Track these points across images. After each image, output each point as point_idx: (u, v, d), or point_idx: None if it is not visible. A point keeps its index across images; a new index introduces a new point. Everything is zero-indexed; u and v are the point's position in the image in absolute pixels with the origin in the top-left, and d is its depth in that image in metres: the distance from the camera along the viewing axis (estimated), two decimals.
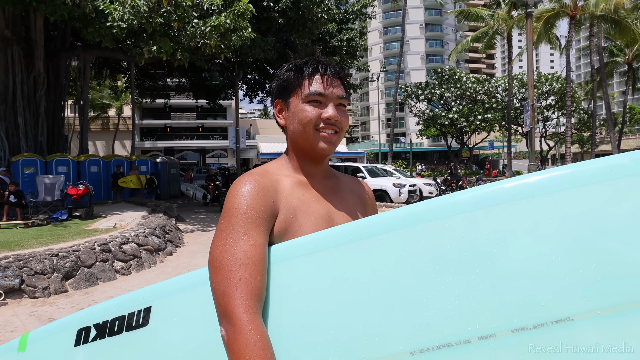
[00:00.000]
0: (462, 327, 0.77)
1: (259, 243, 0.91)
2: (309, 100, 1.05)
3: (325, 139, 1.05)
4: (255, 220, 0.93)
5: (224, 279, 0.87)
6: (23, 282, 5.59)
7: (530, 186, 0.80)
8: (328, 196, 1.10)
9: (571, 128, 27.28)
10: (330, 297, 0.86)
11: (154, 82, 24.65)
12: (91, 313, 1.12)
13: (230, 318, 0.84)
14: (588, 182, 0.77)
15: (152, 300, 1.03)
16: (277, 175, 1.06)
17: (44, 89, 14.43)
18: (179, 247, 8.93)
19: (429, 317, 0.79)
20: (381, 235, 0.86)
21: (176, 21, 9.83)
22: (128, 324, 1.04)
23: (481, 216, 0.80)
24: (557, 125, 42.78)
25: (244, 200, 0.94)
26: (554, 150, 51.09)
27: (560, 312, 0.73)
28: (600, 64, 29.88)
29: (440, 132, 41.33)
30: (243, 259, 0.88)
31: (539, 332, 0.74)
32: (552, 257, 0.76)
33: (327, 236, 0.91)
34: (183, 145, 41.40)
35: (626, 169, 0.76)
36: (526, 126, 13.27)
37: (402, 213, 0.87)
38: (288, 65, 1.12)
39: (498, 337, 0.75)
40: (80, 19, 10.47)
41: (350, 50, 18.76)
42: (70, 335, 1.11)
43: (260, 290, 0.88)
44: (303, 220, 1.01)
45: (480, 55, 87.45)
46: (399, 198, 15.76)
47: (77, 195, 10.25)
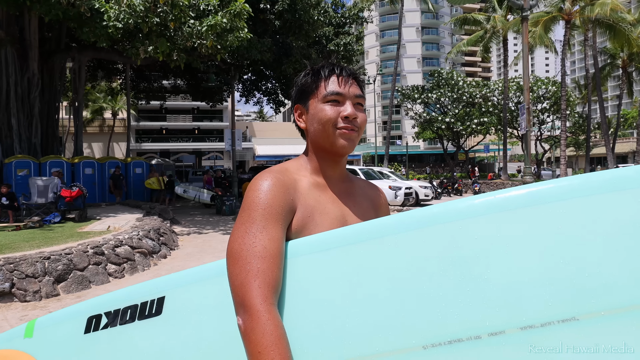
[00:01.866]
0: (473, 324, 0.80)
1: (277, 237, 0.94)
2: (328, 100, 1.09)
3: (345, 135, 1.08)
4: (274, 215, 0.96)
5: (242, 270, 0.90)
6: (14, 286, 5.51)
7: (544, 193, 0.84)
8: (343, 199, 1.14)
9: (566, 131, 27.39)
10: (344, 291, 0.89)
11: (149, 84, 24.57)
12: (102, 301, 1.11)
13: (247, 308, 0.86)
14: (600, 191, 0.81)
15: (166, 290, 1.04)
16: (296, 174, 1.10)
17: (38, 90, 14.32)
18: (173, 249, 8.85)
19: (441, 313, 0.82)
20: (396, 234, 0.89)
21: (172, 21, 9.77)
22: (141, 313, 1.04)
23: (494, 220, 0.84)
24: (553, 129, 42.96)
25: (264, 195, 0.97)
26: (549, 154, 51.28)
27: (567, 312, 0.76)
28: (595, 68, 30.03)
29: (437, 135, 41.41)
30: (262, 252, 0.91)
31: (545, 330, 0.77)
32: (561, 260, 0.79)
33: (343, 234, 0.94)
34: (179, 148, 41.28)
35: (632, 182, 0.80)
36: (522, 129, 13.28)
37: (417, 214, 0.90)
38: (305, 71, 1.17)
39: (507, 334, 0.78)
40: (75, 19, 10.39)
41: (346, 55, 18.78)
42: (80, 322, 1.11)
43: (277, 283, 0.91)
44: (319, 219, 1.04)
45: (477, 59, 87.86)
46: (395, 200, 15.75)
47: (71, 198, 10.16)
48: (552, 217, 0.81)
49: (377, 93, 66.77)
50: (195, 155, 42.72)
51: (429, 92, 38.37)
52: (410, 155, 51.38)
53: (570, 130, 41.31)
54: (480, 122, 37.18)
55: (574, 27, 27.27)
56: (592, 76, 30.47)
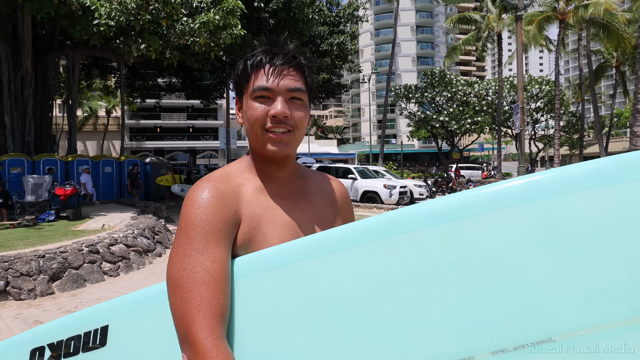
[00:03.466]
0: (439, 350, 0.72)
1: (221, 258, 0.83)
2: (256, 97, 0.94)
3: (273, 140, 0.94)
4: (215, 232, 0.84)
5: (184, 300, 0.79)
6: (8, 284, 5.49)
7: (510, 193, 0.75)
8: (294, 201, 1.01)
9: (560, 130, 27.56)
10: (299, 315, 0.80)
11: (144, 82, 24.47)
12: (45, 331, 1.04)
13: (192, 344, 0.76)
14: (570, 190, 0.73)
15: (109, 318, 0.96)
16: (238, 178, 0.97)
17: (32, 88, 14.22)
18: (168, 248, 8.84)
19: (404, 338, 0.74)
20: (351, 248, 0.80)
21: (165, 19, 9.72)
22: (85, 344, 0.97)
23: (457, 227, 0.75)
24: (546, 128, 43.20)
25: (202, 211, 0.85)
26: (543, 153, 51.57)
27: (541, 333, 0.70)
28: (588, 67, 30.23)
29: (431, 134, 41.53)
30: (204, 277, 0.80)
31: (519, 354, 0.70)
32: (533, 274, 0.71)
33: (294, 249, 0.85)
34: (173, 146, 41.17)
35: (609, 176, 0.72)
36: (516, 128, 13.36)
37: (375, 222, 0.81)
38: (244, 57, 1.01)
39: (477, 359, 0.71)
40: (67, 17, 10.33)
41: (341, 54, 18.79)
42: (23, 355, 1.03)
43: (224, 311, 0.80)
44: (267, 229, 0.93)
45: (471, 58, 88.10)
46: (389, 199, 15.79)
47: (65, 196, 10.10)
48: (517, 221, 0.73)
49: (372, 92, 66.86)
50: (189, 154, 42.60)
51: (422, 92, 38.45)
52: (404, 154, 51.51)
53: (564, 129, 41.55)
54: (475, 121, 37.31)
55: (568, 26, 27.42)
56: (586, 75, 30.66)
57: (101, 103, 36.26)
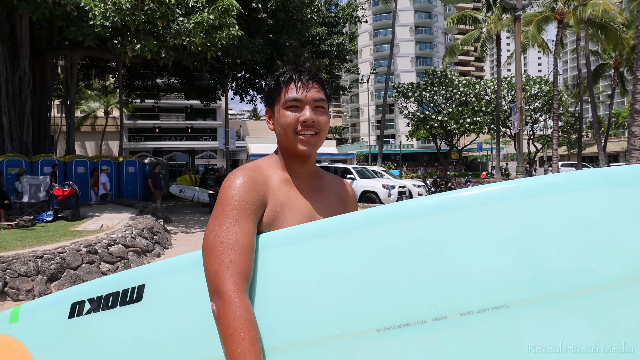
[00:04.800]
0: (419, 310, 0.91)
1: (249, 231, 1.02)
2: (288, 107, 1.16)
3: (303, 141, 1.15)
4: (246, 210, 1.03)
5: (216, 260, 0.98)
6: (6, 285, 5.48)
7: (481, 196, 0.95)
8: (311, 194, 1.21)
9: (558, 131, 27.58)
10: (309, 281, 0.98)
11: (143, 82, 24.42)
12: (85, 289, 1.16)
13: (220, 295, 0.94)
14: (530, 195, 0.92)
15: (145, 278, 1.10)
16: (267, 171, 1.17)
17: (30, 88, 14.20)
18: (167, 248, 8.82)
19: (392, 301, 0.92)
20: (355, 230, 0.98)
21: (160, 19, 9.69)
22: (122, 299, 1.10)
23: (440, 219, 0.95)
24: (545, 128, 43.24)
25: (236, 192, 1.05)
26: (541, 153, 51.63)
27: (499, 300, 0.88)
28: (587, 68, 30.26)
29: (430, 134, 41.54)
30: (234, 244, 0.99)
31: (481, 316, 0.88)
32: (495, 255, 0.90)
33: (309, 229, 1.03)
34: (172, 146, 41.09)
35: (557, 187, 0.92)
36: (514, 128, 13.37)
37: (374, 212, 1.00)
38: (273, 75, 1.22)
39: (449, 319, 0.89)
40: (63, 18, 10.30)
41: (340, 55, 18.76)
42: (64, 308, 1.15)
43: (248, 272, 0.98)
44: (288, 214, 1.12)
45: (470, 58, 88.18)
46: (388, 199, 15.78)
47: (63, 196, 10.08)
48: (492, 217, 0.93)
49: (371, 92, 66.84)
50: (188, 154, 42.54)
51: (422, 90, 38.43)
52: (403, 154, 51.52)
53: (562, 129, 41.60)
54: (474, 121, 37.30)
55: (566, 27, 27.44)
56: (584, 76, 30.69)
57: (96, 105, 36.12)
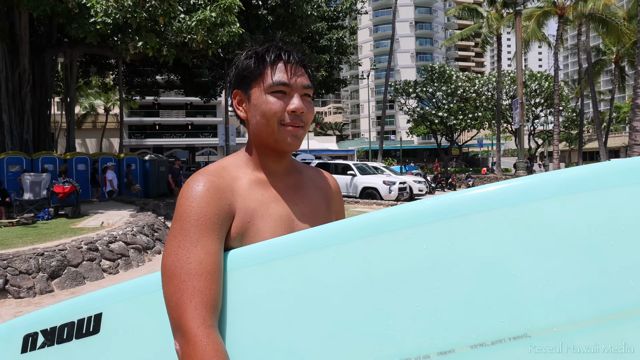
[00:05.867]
0: (421, 342, 0.76)
1: (214, 250, 0.86)
2: (273, 91, 0.96)
3: (291, 133, 0.97)
4: (209, 225, 0.87)
5: (177, 289, 0.82)
6: (7, 282, 5.49)
7: (491, 197, 0.77)
8: (289, 195, 1.03)
9: (559, 126, 27.53)
10: (289, 308, 0.83)
11: (142, 79, 24.39)
12: (38, 317, 1.05)
13: (184, 332, 0.79)
14: (549, 195, 0.75)
15: (103, 306, 0.97)
16: (234, 172, 0.99)
17: (30, 85, 14.17)
18: None
19: (388, 332, 0.78)
20: (340, 244, 0.82)
21: (162, 16, 9.67)
22: (78, 331, 0.98)
23: (441, 228, 0.78)
24: (546, 123, 43.17)
25: (196, 204, 0.88)
26: (542, 148, 51.58)
27: (518, 329, 0.72)
28: (587, 63, 30.18)
29: (430, 130, 41.49)
30: (197, 268, 0.83)
31: (497, 348, 0.73)
32: (512, 272, 0.74)
33: (285, 243, 0.87)
34: (172, 143, 41.10)
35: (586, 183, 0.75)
36: (515, 124, 13.36)
37: (363, 221, 0.84)
38: (247, 52, 1.03)
39: (457, 352, 0.74)
40: (64, 15, 10.28)
41: (340, 50, 18.72)
42: (16, 341, 1.04)
43: (216, 302, 0.83)
44: (261, 223, 0.95)
45: (470, 54, 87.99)
46: (389, 195, 15.78)
47: (64, 194, 10.09)
48: (504, 224, 0.76)
49: (371, 88, 66.76)
50: (188, 151, 42.55)
51: (422, 87, 38.35)
52: (404, 150, 51.48)
53: (563, 124, 41.54)
54: (474, 117, 37.25)
55: (567, 22, 27.35)
56: (585, 71, 30.62)
57: (98, 102, 36.11)
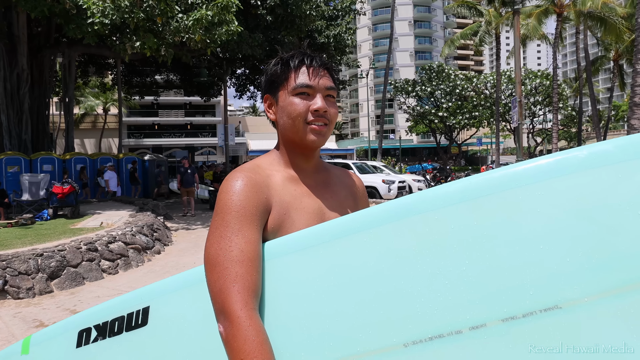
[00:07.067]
0: (453, 318, 0.78)
1: (254, 239, 0.92)
2: (297, 93, 1.05)
3: (315, 131, 1.04)
4: (248, 216, 0.93)
5: (220, 276, 0.88)
6: (7, 283, 5.48)
7: (518, 175, 0.80)
8: (319, 190, 1.11)
9: (558, 124, 27.53)
10: (324, 291, 0.87)
11: (141, 79, 24.36)
12: (91, 314, 1.13)
13: (227, 315, 0.84)
14: (575, 170, 0.77)
15: (149, 300, 1.04)
16: (268, 170, 1.06)
17: (28, 85, 14.14)
18: (167, 245, 8.83)
19: (420, 309, 0.80)
20: (371, 229, 0.87)
21: (159, 16, 9.64)
22: (128, 324, 1.05)
23: (468, 208, 0.81)
24: (545, 122, 43.19)
25: (236, 197, 0.94)
26: (541, 147, 51.61)
27: (549, 300, 0.74)
28: (586, 61, 30.17)
29: (430, 128, 41.51)
30: (238, 256, 0.89)
31: (528, 321, 0.75)
32: (539, 246, 0.76)
33: (319, 232, 0.92)
34: (171, 143, 41.03)
35: (610, 156, 0.76)
36: (514, 122, 13.35)
37: (392, 206, 0.88)
38: (275, 59, 1.11)
39: (488, 326, 0.76)
40: (61, 15, 10.25)
41: (338, 47, 18.67)
42: (71, 337, 1.13)
43: (256, 287, 0.89)
44: (296, 215, 1.02)
45: (469, 52, 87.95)
46: (388, 194, 15.78)
47: (63, 194, 10.08)
48: (524, 201, 0.79)
49: (370, 87, 66.74)
50: (188, 151, 42.50)
51: (422, 86, 38.35)
52: (403, 149, 51.49)
53: (562, 123, 41.55)
54: (473, 116, 37.26)
55: (566, 20, 27.34)
56: (584, 69, 30.62)
57: (96, 102, 36.04)
